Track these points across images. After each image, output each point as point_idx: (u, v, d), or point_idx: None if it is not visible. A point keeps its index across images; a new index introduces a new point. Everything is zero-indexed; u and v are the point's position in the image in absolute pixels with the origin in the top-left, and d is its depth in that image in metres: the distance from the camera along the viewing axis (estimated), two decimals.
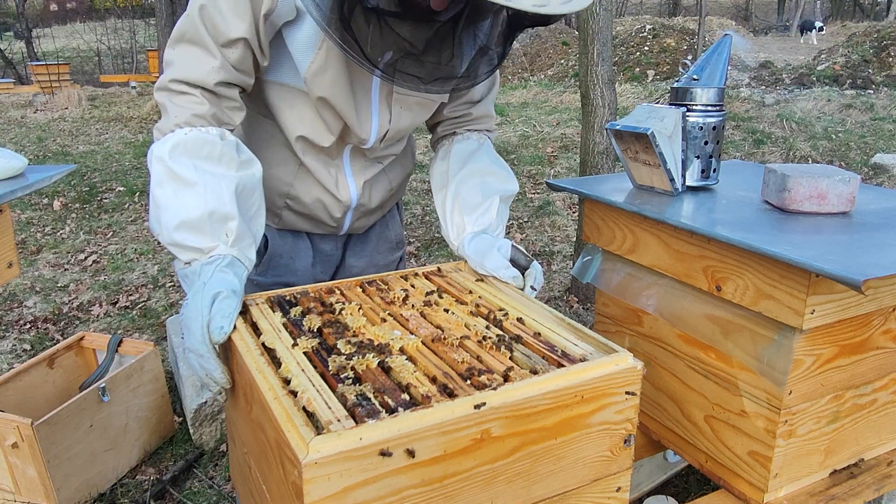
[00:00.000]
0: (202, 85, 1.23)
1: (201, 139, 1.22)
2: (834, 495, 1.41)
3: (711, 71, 1.58)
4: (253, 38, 1.23)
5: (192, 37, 1.22)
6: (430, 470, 0.91)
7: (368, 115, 1.38)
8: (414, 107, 1.43)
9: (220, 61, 1.22)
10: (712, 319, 1.40)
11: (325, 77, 1.28)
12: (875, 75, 9.93)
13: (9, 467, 2.10)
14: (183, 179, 1.19)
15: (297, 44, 1.26)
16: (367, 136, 1.40)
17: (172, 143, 1.20)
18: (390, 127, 1.41)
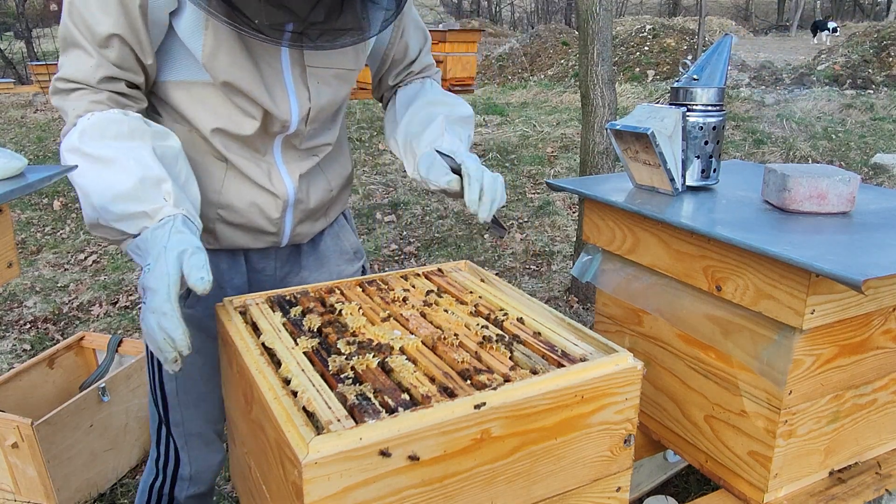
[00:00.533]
0: (86, 83, 1.20)
1: (106, 119, 1.18)
2: (834, 495, 1.41)
3: (711, 71, 1.58)
4: (127, 33, 1.17)
5: (70, 39, 1.20)
6: (430, 470, 0.91)
7: (284, 94, 1.30)
8: (332, 80, 1.37)
9: (97, 59, 1.18)
10: (712, 319, 1.40)
11: (221, 58, 1.21)
12: (875, 75, 9.94)
13: (9, 467, 2.10)
14: (101, 159, 1.15)
15: (185, 31, 1.20)
16: (288, 116, 1.32)
17: (79, 131, 1.17)
18: (311, 105, 1.34)
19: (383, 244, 4.70)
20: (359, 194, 5.79)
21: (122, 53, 1.19)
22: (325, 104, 1.38)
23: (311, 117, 1.36)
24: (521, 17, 28.18)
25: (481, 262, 4.41)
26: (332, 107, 1.41)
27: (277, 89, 1.29)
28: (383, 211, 5.35)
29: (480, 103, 9.73)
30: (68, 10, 1.18)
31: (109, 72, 1.20)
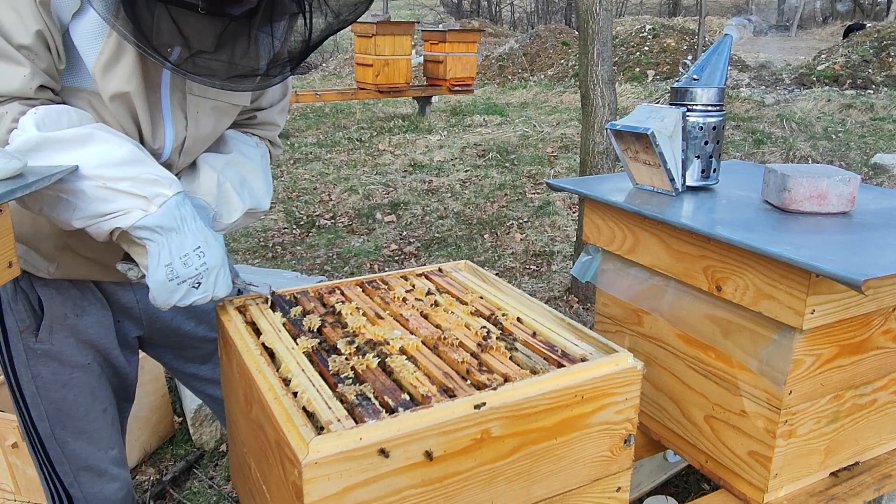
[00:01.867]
0: (21, 95, 1.08)
1: (54, 111, 1.09)
2: (834, 495, 1.41)
3: (711, 71, 1.58)
4: (47, 32, 1.07)
5: None
6: (430, 470, 0.91)
7: (160, 121, 1.20)
8: (211, 112, 1.27)
9: (31, 68, 1.07)
10: (712, 319, 1.40)
11: (118, 70, 1.11)
12: (875, 75, 9.94)
13: (9, 467, 2.10)
14: (79, 138, 1.07)
15: (82, 33, 1.09)
16: (161, 144, 1.21)
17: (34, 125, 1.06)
18: (187, 134, 1.24)
19: (383, 244, 4.70)
20: (359, 194, 5.79)
21: (45, 59, 1.09)
22: (204, 136, 1.28)
23: (185, 148, 1.26)
24: (521, 17, 28.18)
25: (481, 262, 4.42)
26: (210, 139, 1.31)
27: (155, 113, 1.19)
28: (383, 211, 5.35)
29: (480, 103, 9.74)
30: None
31: (43, 81, 1.10)
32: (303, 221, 5.25)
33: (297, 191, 6.02)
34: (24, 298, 1.30)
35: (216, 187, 1.27)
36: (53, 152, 1.06)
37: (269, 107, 1.42)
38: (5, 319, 1.31)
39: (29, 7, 1.04)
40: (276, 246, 4.77)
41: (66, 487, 1.42)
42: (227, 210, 1.28)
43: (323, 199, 5.79)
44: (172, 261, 1.09)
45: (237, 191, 1.30)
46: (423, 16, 22.77)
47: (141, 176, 1.07)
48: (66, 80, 1.15)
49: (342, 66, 15.15)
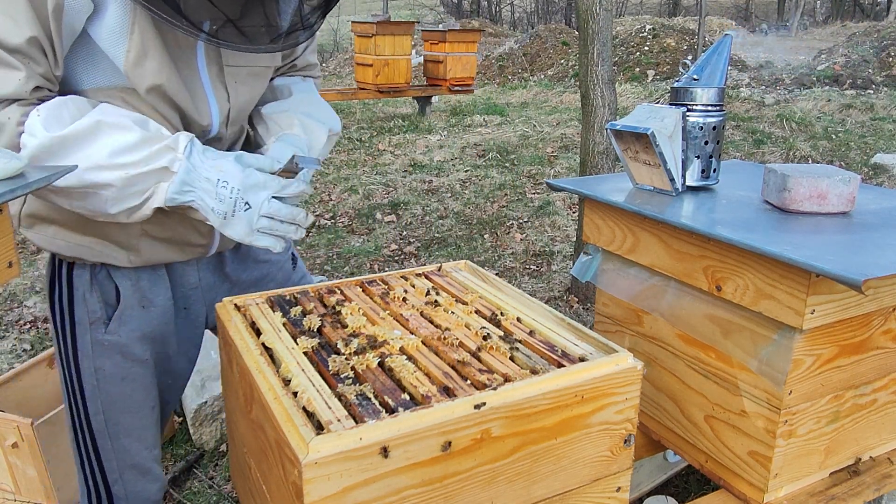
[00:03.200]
0: (16, 97, 1.09)
1: (53, 106, 1.11)
2: (834, 495, 1.41)
3: (711, 71, 1.58)
4: (45, 39, 1.08)
5: None
6: (430, 470, 0.91)
7: (204, 97, 1.25)
8: (248, 79, 1.32)
9: (27, 72, 1.08)
10: (712, 319, 1.40)
11: (148, 64, 1.15)
12: (875, 75, 9.93)
13: (9, 467, 2.10)
14: (84, 131, 1.10)
15: (106, 36, 1.12)
16: (209, 121, 1.27)
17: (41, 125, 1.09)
18: (230, 105, 1.30)
19: (383, 244, 4.70)
20: (359, 194, 5.79)
21: (42, 64, 1.10)
22: (244, 104, 1.34)
23: (231, 119, 1.32)
24: (521, 17, 28.19)
25: (481, 262, 4.42)
26: (249, 106, 1.37)
27: (198, 93, 1.24)
28: (383, 211, 5.35)
29: (480, 103, 9.73)
30: None
31: (39, 82, 1.11)
32: None
33: None
34: (99, 290, 1.32)
35: (298, 124, 1.37)
36: (69, 150, 1.09)
37: (301, 53, 1.51)
38: (75, 311, 1.33)
39: (25, 13, 1.05)
40: None
41: (109, 485, 1.42)
42: (316, 139, 1.39)
43: (323, 199, 5.79)
44: (214, 204, 1.15)
45: (315, 119, 1.41)
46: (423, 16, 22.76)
47: (153, 151, 1.11)
48: (95, 80, 1.17)
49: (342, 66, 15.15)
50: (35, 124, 1.09)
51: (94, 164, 1.10)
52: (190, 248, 1.35)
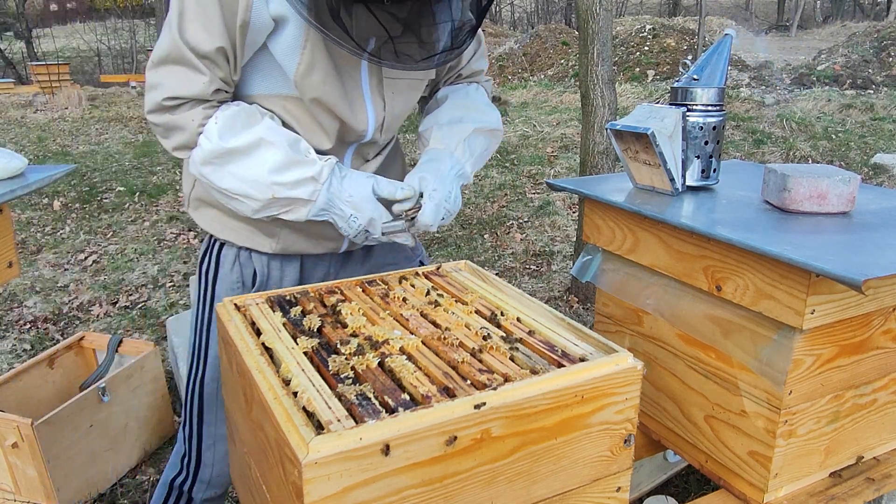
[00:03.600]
0: (200, 97, 1.27)
1: (229, 115, 1.29)
2: (834, 495, 1.41)
3: (711, 71, 1.58)
4: (230, 50, 1.25)
5: (174, 56, 1.24)
6: (430, 470, 0.91)
7: (363, 106, 1.39)
8: (405, 90, 1.45)
9: (210, 76, 1.25)
10: (712, 319, 1.40)
11: (315, 76, 1.29)
12: (875, 75, 9.93)
13: (9, 467, 2.10)
14: (247, 147, 1.29)
15: (282, 49, 1.27)
16: (365, 127, 1.41)
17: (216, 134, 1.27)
18: (386, 114, 1.43)
19: None
20: None
21: (224, 69, 1.28)
22: (399, 112, 1.46)
23: (384, 126, 1.45)
24: (521, 17, 28.18)
25: (481, 262, 4.41)
26: (404, 114, 1.50)
27: (357, 102, 1.38)
28: None
29: None
30: (175, 27, 1.23)
31: (219, 86, 1.29)
32: None
33: None
34: (240, 270, 1.51)
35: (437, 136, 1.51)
36: (232, 159, 1.29)
37: (467, 62, 1.60)
38: (217, 285, 1.52)
39: (218, 26, 1.22)
40: None
41: (202, 450, 1.56)
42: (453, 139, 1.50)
43: None
44: (343, 226, 1.36)
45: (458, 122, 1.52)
46: None
47: (298, 179, 1.30)
48: (264, 88, 1.34)
49: None
50: (212, 130, 1.27)
51: (249, 178, 1.29)
52: (324, 241, 1.50)
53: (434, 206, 1.39)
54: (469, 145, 1.51)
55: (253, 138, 1.28)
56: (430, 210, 1.38)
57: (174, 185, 6.23)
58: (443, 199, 1.40)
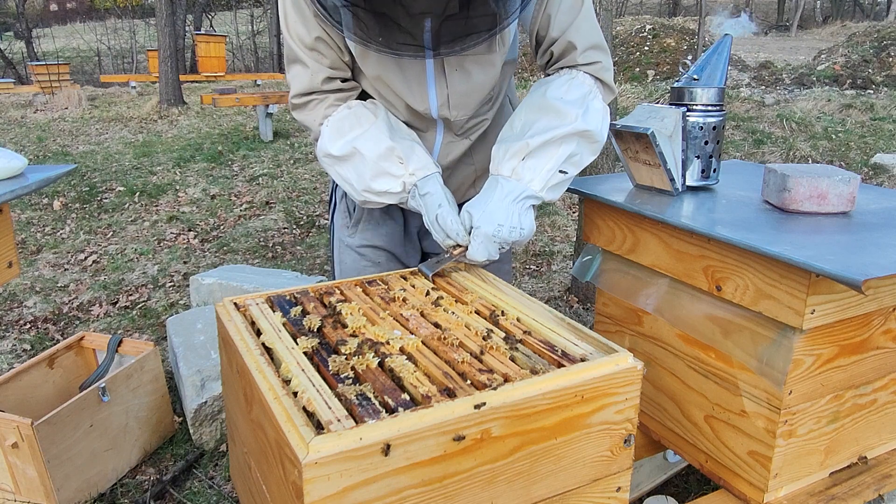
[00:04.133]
0: (312, 90, 1.42)
1: (337, 120, 1.42)
2: (834, 495, 1.41)
3: (711, 71, 1.58)
4: (326, 36, 1.35)
5: (292, 56, 1.41)
6: (430, 470, 0.91)
7: (423, 86, 1.41)
8: (470, 66, 1.40)
9: (313, 66, 1.39)
10: (712, 319, 1.40)
11: (371, 57, 1.37)
12: (875, 75, 9.93)
13: (9, 467, 2.10)
14: (346, 156, 1.42)
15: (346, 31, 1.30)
16: (426, 105, 1.43)
17: (326, 138, 1.43)
18: (448, 91, 1.42)
19: None
20: None
21: (329, 55, 1.39)
22: (464, 90, 1.43)
23: (452, 103, 1.44)
24: None
25: None
26: (474, 92, 1.45)
27: (416, 79, 1.40)
28: None
29: None
30: (285, 30, 1.39)
31: (326, 73, 1.40)
32: (303, 221, 5.25)
33: (297, 191, 6.02)
34: (346, 207, 1.70)
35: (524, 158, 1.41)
36: (334, 162, 1.45)
37: (560, 34, 1.43)
38: (335, 216, 1.75)
39: (312, 17, 1.33)
40: (276, 246, 4.77)
41: None
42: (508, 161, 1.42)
43: (323, 199, 5.78)
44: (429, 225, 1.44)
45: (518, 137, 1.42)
46: None
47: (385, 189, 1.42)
48: (356, 71, 1.46)
49: None
50: (324, 134, 1.44)
51: (347, 181, 1.45)
52: None
53: (479, 244, 1.37)
54: (537, 161, 1.39)
55: (349, 149, 1.41)
56: (476, 249, 1.38)
57: (174, 185, 6.23)
58: (491, 233, 1.36)
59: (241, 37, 20.72)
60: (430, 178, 1.43)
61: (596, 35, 1.45)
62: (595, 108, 1.43)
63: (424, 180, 1.42)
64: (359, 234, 1.69)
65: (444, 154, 1.55)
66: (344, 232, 1.72)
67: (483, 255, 1.38)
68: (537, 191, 1.40)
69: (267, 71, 17.79)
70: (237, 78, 15.10)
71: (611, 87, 1.49)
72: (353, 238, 1.69)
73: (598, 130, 1.43)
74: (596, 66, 1.45)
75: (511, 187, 1.39)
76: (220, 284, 3.36)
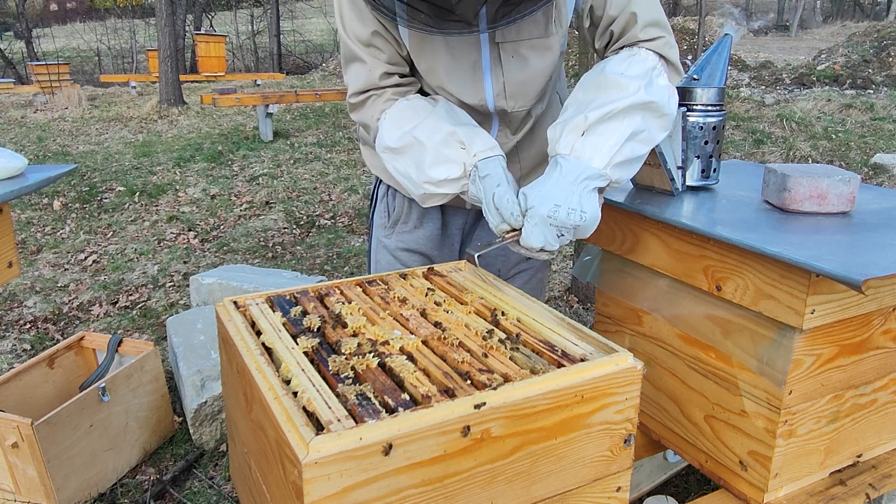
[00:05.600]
0: (370, 87, 1.40)
1: (395, 113, 1.39)
2: (834, 495, 1.41)
3: (711, 71, 1.58)
4: (383, 31, 1.34)
5: (350, 55, 1.40)
6: (430, 470, 0.91)
7: (479, 78, 1.39)
8: (527, 52, 1.37)
9: (371, 62, 1.38)
10: (712, 319, 1.40)
11: (426, 51, 1.36)
12: (875, 75, 9.93)
13: (9, 467, 2.10)
14: (404, 148, 1.37)
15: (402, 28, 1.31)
16: (482, 96, 1.41)
17: (384, 133, 1.40)
18: (505, 79, 1.39)
19: None
20: (359, 194, 5.79)
21: (387, 50, 1.37)
22: (523, 78, 1.40)
23: (509, 92, 1.42)
24: None
25: None
26: (532, 80, 1.42)
27: (474, 71, 1.39)
28: None
29: None
30: (341, 29, 1.39)
31: (383, 69, 1.39)
32: (303, 221, 5.26)
33: (297, 191, 6.02)
34: (386, 205, 1.70)
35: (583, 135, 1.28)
36: (393, 157, 1.40)
37: (619, 12, 1.35)
38: (374, 215, 1.74)
39: (368, 13, 1.32)
40: (276, 246, 4.77)
41: None
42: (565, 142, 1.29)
43: (323, 199, 5.79)
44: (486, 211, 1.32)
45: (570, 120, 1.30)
46: None
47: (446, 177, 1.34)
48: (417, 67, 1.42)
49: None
50: (383, 128, 1.40)
51: (405, 174, 1.39)
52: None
53: (533, 227, 1.24)
54: (598, 137, 1.26)
55: (408, 139, 1.36)
56: (530, 232, 1.25)
57: (174, 185, 6.23)
58: (546, 216, 1.22)
59: (241, 37, 20.72)
60: (491, 160, 1.31)
61: (657, 11, 1.37)
62: (660, 83, 1.32)
63: (485, 161, 1.30)
64: (395, 235, 1.68)
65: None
66: (381, 231, 1.71)
67: (538, 239, 1.24)
68: (601, 168, 1.26)
69: (267, 71, 17.79)
70: (237, 78, 15.11)
71: (676, 66, 1.38)
72: (390, 239, 1.69)
73: (665, 103, 1.31)
74: (659, 42, 1.35)
75: (571, 166, 1.26)
76: (220, 284, 3.36)
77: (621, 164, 1.28)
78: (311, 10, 21.90)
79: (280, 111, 9.39)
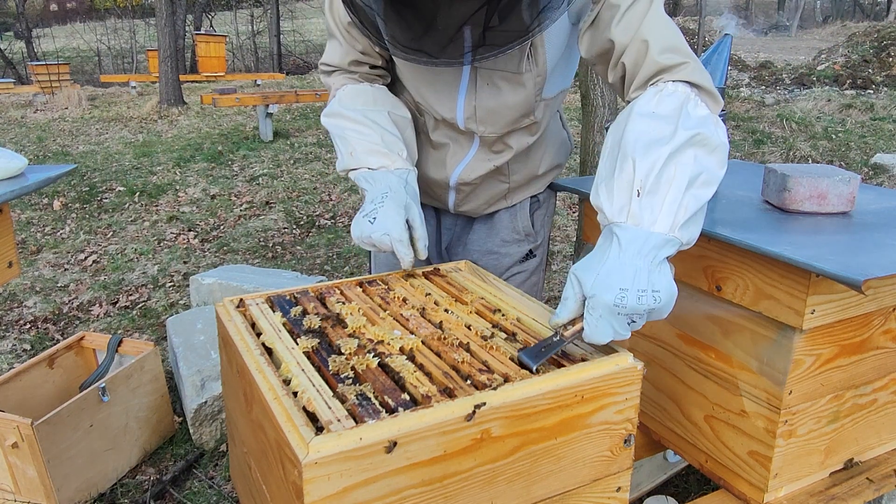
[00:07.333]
0: (340, 67, 1.49)
1: (356, 89, 1.49)
2: (834, 495, 1.41)
3: (711, 71, 1.58)
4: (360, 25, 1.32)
5: (329, 31, 1.48)
6: (430, 470, 0.91)
7: (454, 94, 1.42)
8: (499, 82, 1.39)
9: (345, 48, 1.46)
10: (712, 319, 1.40)
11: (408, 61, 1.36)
12: (875, 75, 9.93)
13: (9, 467, 2.10)
14: (355, 120, 1.44)
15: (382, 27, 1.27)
16: (452, 115, 1.45)
17: (338, 100, 1.48)
18: (476, 104, 1.42)
19: None
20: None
21: (362, 41, 1.43)
22: (495, 106, 1.42)
23: (479, 117, 1.44)
24: None
25: None
26: (504, 109, 1.42)
27: (451, 89, 1.42)
28: None
29: None
30: (327, 6, 1.45)
31: (355, 57, 1.47)
32: (303, 221, 5.26)
33: (297, 191, 6.02)
34: None
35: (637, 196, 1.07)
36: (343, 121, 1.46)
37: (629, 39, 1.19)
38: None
39: None
40: (276, 246, 4.77)
41: None
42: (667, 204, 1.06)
43: (323, 199, 5.79)
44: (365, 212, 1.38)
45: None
46: None
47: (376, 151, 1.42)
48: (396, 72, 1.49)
49: None
50: (339, 94, 1.49)
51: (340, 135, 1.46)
52: (434, 200, 1.68)
53: (598, 319, 1.01)
54: (654, 195, 1.06)
55: (359, 116, 1.44)
56: (594, 327, 1.02)
57: (174, 185, 6.23)
58: (613, 304, 1.00)
59: (241, 37, 20.71)
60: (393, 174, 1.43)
61: (672, 35, 1.19)
62: (699, 114, 1.12)
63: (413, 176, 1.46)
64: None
65: (472, 167, 1.55)
66: None
67: (606, 333, 1.02)
68: (666, 231, 1.05)
69: (267, 71, 17.79)
70: (237, 78, 15.10)
71: (712, 92, 1.16)
72: None
73: (712, 133, 1.10)
74: (684, 70, 1.15)
75: (630, 236, 1.04)
76: (220, 284, 3.36)
77: (689, 221, 1.07)
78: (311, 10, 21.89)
79: (280, 111, 9.39)
